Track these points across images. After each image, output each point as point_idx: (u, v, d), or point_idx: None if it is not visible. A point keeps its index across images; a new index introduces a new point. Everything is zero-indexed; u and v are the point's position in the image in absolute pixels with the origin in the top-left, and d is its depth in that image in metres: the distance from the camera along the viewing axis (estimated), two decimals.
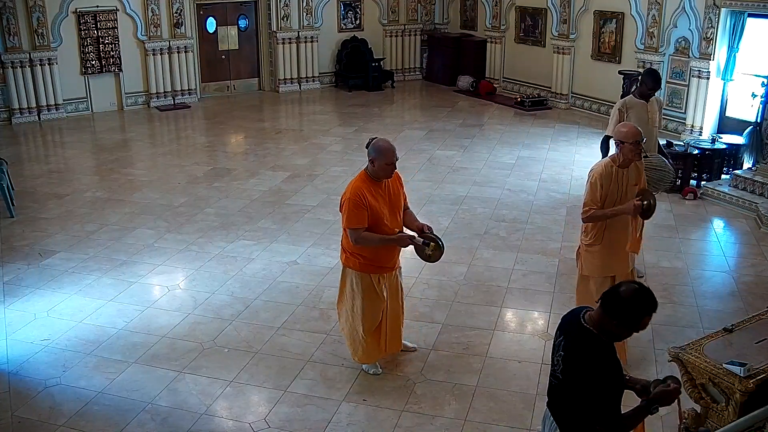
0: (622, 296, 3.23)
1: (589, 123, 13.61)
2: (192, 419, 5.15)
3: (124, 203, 9.49)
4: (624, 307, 3.21)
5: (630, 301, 3.22)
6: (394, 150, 5.14)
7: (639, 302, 3.23)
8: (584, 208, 5.43)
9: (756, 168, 9.57)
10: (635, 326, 3.26)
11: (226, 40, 16.07)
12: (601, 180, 5.34)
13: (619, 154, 5.38)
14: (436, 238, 5.34)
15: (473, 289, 7.09)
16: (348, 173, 10.62)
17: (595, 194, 5.35)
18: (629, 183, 5.42)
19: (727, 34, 11.50)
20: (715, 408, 4.67)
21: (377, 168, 5.13)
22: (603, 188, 5.33)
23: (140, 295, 6.99)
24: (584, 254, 5.65)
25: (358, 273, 5.33)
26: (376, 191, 5.17)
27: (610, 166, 5.40)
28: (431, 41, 17.85)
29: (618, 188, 5.37)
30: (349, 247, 5.31)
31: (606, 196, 5.35)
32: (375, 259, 5.29)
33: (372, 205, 5.11)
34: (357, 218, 5.10)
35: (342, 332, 5.72)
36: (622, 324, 3.25)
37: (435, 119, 14.08)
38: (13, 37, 13.34)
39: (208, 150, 12.20)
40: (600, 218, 5.42)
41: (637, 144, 5.27)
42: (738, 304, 6.82)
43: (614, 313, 3.23)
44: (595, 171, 5.42)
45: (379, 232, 5.18)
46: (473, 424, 5.09)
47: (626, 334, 3.34)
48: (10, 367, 5.79)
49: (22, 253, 7.94)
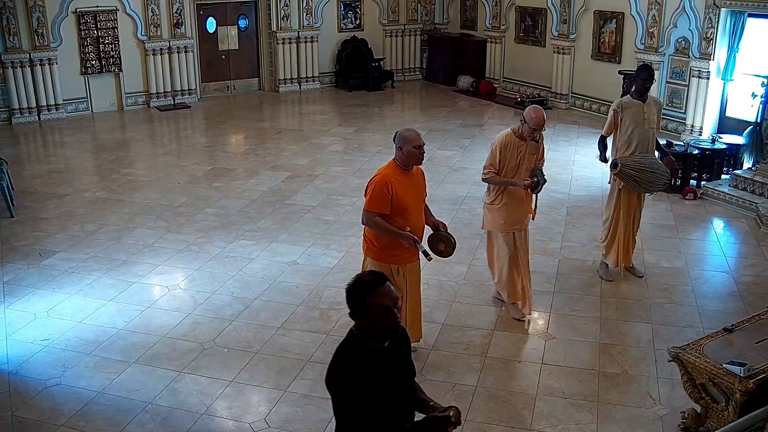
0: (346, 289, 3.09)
1: (589, 123, 13.60)
2: (192, 419, 5.15)
3: (124, 203, 9.49)
4: (348, 295, 3.07)
5: (349, 288, 3.07)
6: (418, 134, 5.32)
7: (354, 285, 3.07)
8: (484, 170, 6.19)
9: (756, 168, 9.58)
10: (367, 309, 3.01)
11: (226, 40, 16.07)
12: (500, 147, 6.09)
13: (520, 127, 6.04)
14: (448, 235, 5.50)
15: (473, 289, 7.09)
16: (348, 173, 10.63)
17: (494, 159, 6.11)
18: (527, 152, 6.11)
19: (727, 34, 11.50)
20: (715, 408, 4.67)
21: (406, 154, 5.22)
22: (501, 154, 6.08)
23: (140, 295, 6.99)
24: (486, 211, 6.41)
25: (377, 263, 5.39)
26: (404, 180, 5.26)
27: (511, 136, 6.11)
28: (431, 41, 17.85)
29: (515, 156, 6.09)
30: (370, 236, 5.38)
31: (506, 161, 6.09)
32: (389, 248, 5.34)
33: (398, 194, 5.18)
34: (378, 203, 5.18)
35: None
36: (359, 313, 3.04)
37: (435, 119, 14.08)
38: (13, 37, 13.33)
39: (208, 150, 12.21)
40: (496, 183, 6.19)
41: (534, 131, 5.96)
42: (738, 304, 6.82)
43: (350, 307, 3.07)
44: (497, 139, 6.17)
45: (402, 221, 5.23)
46: (473, 424, 5.09)
47: (379, 326, 3.04)
48: (10, 367, 5.79)
49: (22, 253, 7.94)
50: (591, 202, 9.29)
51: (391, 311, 3.05)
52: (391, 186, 5.17)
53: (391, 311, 3.04)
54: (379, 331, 3.07)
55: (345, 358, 3.08)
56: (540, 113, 5.96)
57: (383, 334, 3.08)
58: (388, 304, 3.03)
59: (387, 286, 3.07)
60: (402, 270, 5.46)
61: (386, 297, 3.03)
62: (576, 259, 7.75)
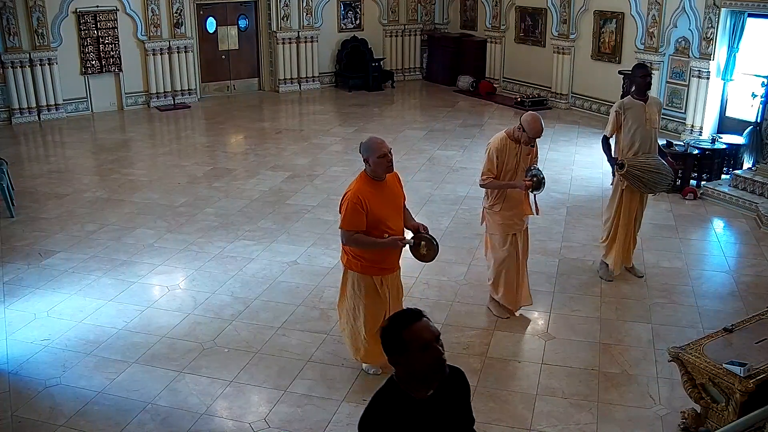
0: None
1: (589, 123, 13.60)
2: (192, 419, 5.15)
3: (124, 203, 9.49)
4: (382, 338, 2.77)
5: (383, 330, 2.78)
6: (382, 141, 5.08)
7: (388, 324, 2.78)
8: (482, 176, 6.17)
9: (756, 168, 9.57)
10: (405, 349, 2.69)
11: (226, 40, 16.07)
12: (496, 152, 6.07)
13: (515, 131, 6.04)
14: (430, 237, 5.28)
15: (473, 289, 7.09)
16: (348, 173, 10.62)
17: (491, 164, 6.09)
18: (522, 154, 6.11)
19: (727, 34, 11.50)
20: (715, 408, 4.67)
21: (373, 165, 5.07)
22: (498, 159, 6.07)
23: (140, 295, 6.99)
24: (487, 215, 6.40)
25: (359, 275, 5.30)
26: (377, 192, 5.12)
27: (506, 139, 6.09)
28: (431, 41, 17.85)
29: (513, 159, 6.09)
30: (350, 250, 5.28)
31: (502, 164, 6.09)
32: (376, 261, 5.26)
33: (372, 207, 5.06)
34: (353, 221, 5.05)
35: (342, 332, 5.71)
36: (397, 355, 2.73)
37: (435, 119, 14.08)
38: (13, 37, 13.33)
39: (208, 150, 12.20)
40: (496, 187, 6.18)
41: (531, 138, 6.00)
42: (738, 304, 6.82)
43: (387, 352, 2.76)
44: (492, 144, 6.14)
45: (378, 233, 5.12)
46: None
47: (420, 367, 2.70)
48: (10, 367, 5.79)
49: (22, 253, 7.94)
50: (591, 202, 9.28)
51: (433, 347, 2.67)
52: (364, 201, 5.01)
53: (432, 347, 2.67)
54: (422, 374, 2.71)
55: (380, 409, 2.74)
56: (540, 125, 5.93)
57: (427, 376, 2.72)
58: (428, 338, 2.68)
59: (425, 321, 2.72)
60: (385, 282, 5.36)
61: (425, 331, 2.70)
62: (576, 259, 7.75)
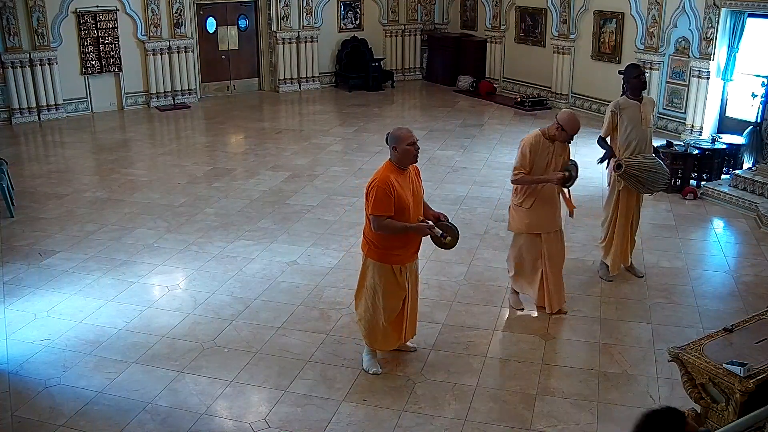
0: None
1: (589, 123, 13.56)
2: (192, 419, 5.15)
3: (124, 203, 9.49)
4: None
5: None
6: (410, 131, 5.28)
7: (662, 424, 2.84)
8: (514, 171, 6.15)
9: (756, 168, 9.57)
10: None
11: (226, 40, 16.07)
12: (530, 148, 6.06)
13: (551, 129, 6.05)
14: (452, 226, 5.50)
15: (473, 289, 7.10)
16: (348, 173, 10.63)
17: (524, 160, 6.08)
18: (555, 153, 6.12)
19: (727, 34, 11.50)
20: (715, 408, 4.66)
21: (401, 153, 5.21)
22: (531, 155, 6.06)
23: (140, 295, 6.99)
24: (513, 212, 6.38)
25: (379, 264, 5.38)
26: (401, 180, 5.25)
27: (540, 137, 6.09)
28: (431, 41, 17.85)
29: (545, 157, 6.09)
30: (371, 238, 5.35)
31: (534, 162, 6.08)
32: (396, 249, 5.34)
33: (399, 193, 5.18)
34: (383, 205, 5.16)
35: (359, 321, 5.71)
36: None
37: (435, 119, 14.08)
38: (13, 37, 13.33)
39: (208, 150, 12.20)
40: (527, 183, 6.15)
41: (570, 136, 6.01)
42: (738, 304, 6.82)
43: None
44: (526, 140, 6.13)
45: (403, 221, 5.24)
46: (473, 424, 5.09)
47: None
48: (10, 367, 5.79)
49: (22, 253, 7.94)
50: (591, 202, 9.28)
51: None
52: (392, 186, 5.16)
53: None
54: None
55: None
56: (578, 122, 6.01)
57: None
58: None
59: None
60: (404, 270, 5.45)
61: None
62: (576, 259, 7.74)
